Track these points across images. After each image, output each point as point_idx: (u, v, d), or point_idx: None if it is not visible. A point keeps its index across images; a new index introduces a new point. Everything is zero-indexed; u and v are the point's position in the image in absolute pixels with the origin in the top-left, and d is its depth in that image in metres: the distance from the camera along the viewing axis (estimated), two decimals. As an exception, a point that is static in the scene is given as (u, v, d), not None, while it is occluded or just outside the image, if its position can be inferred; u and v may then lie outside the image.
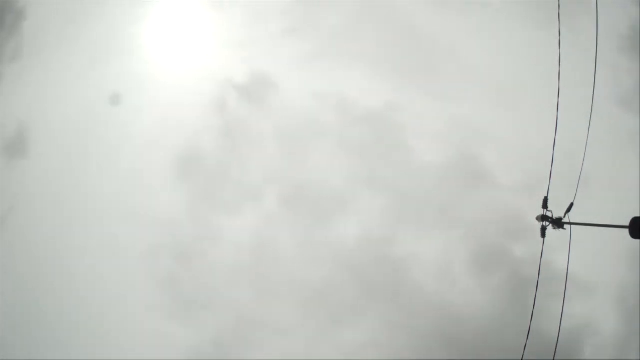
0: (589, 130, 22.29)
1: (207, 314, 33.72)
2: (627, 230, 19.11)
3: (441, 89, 31.55)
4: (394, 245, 30.25)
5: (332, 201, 34.07)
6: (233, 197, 35.88)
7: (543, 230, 21.63)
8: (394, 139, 33.62)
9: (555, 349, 21.55)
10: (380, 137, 34.03)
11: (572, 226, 21.13)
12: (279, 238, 34.49)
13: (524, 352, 21.94)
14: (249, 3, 36.21)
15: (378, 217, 32.21)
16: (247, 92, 36.30)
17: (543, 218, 21.64)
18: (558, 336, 21.51)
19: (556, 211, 19.12)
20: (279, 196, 35.04)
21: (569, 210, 21.33)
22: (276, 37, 35.84)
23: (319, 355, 30.40)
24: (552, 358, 20.48)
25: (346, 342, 30.05)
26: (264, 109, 36.45)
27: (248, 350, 32.14)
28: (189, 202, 35.72)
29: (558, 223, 21.47)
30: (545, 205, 21.66)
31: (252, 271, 34.25)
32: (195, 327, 33.04)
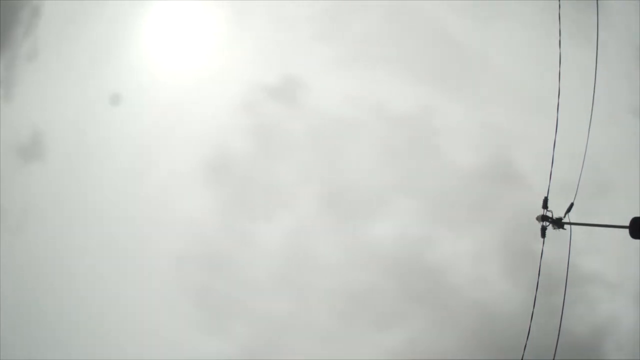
0: (589, 130, 22.37)
1: (240, 322, 33.36)
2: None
3: (472, 93, 31.64)
4: (430, 247, 30.29)
5: (367, 204, 33.88)
6: (265, 202, 35.58)
7: (543, 230, 21.70)
8: (427, 142, 33.56)
9: (555, 349, 21.60)
10: (414, 139, 33.94)
11: (573, 226, 21.20)
12: (313, 242, 34.11)
13: (524, 352, 22.00)
14: (278, 7, 36.18)
15: (414, 219, 32.08)
16: (279, 95, 36.01)
17: (543, 218, 21.70)
18: (558, 336, 21.57)
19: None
20: (312, 200, 34.71)
21: (569, 210, 21.39)
22: (307, 41, 35.67)
23: (358, 360, 30.31)
24: (553, 358, 20.50)
25: (385, 347, 29.94)
26: (296, 112, 36.14)
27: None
28: (219, 207, 35.24)
29: (558, 223, 21.54)
30: (545, 205, 21.72)
31: (287, 277, 33.85)
32: (227, 337, 32.64)
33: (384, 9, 35.07)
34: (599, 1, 20.35)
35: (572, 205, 21.34)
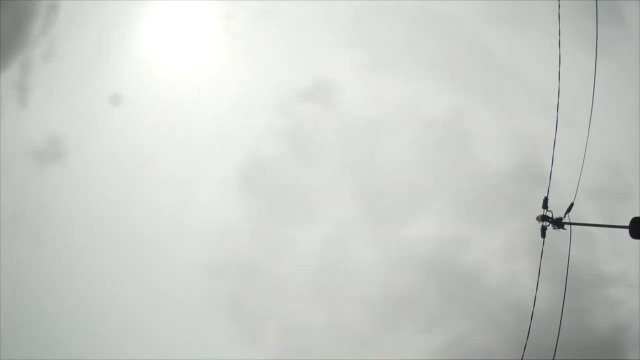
0: (589, 131, 22.40)
1: (273, 331, 33.29)
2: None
3: (501, 99, 31.88)
4: (465, 248, 30.38)
5: (401, 206, 33.81)
6: (299, 207, 35.49)
7: (543, 230, 21.69)
8: (459, 144, 33.76)
9: (555, 349, 21.61)
10: (445, 142, 34.06)
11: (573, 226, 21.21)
12: (349, 247, 33.96)
13: (524, 352, 22.01)
14: (308, 11, 36.22)
15: (448, 220, 32.07)
16: (311, 99, 36.04)
17: (543, 218, 21.70)
18: (558, 336, 21.57)
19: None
20: (346, 204, 34.64)
21: (569, 210, 21.39)
22: (339, 45, 35.75)
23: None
24: (553, 357, 20.51)
25: (425, 349, 29.88)
26: (329, 115, 36.18)
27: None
28: (252, 213, 35.18)
29: (558, 223, 21.54)
30: (545, 205, 21.72)
31: (322, 284, 33.61)
32: (260, 347, 32.55)
33: (414, 15, 35.39)
34: (598, 1, 20.41)
35: (572, 205, 21.35)
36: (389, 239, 33.23)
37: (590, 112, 22.18)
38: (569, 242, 21.57)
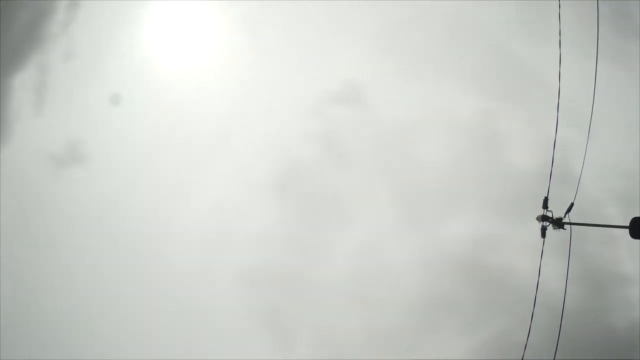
0: (589, 131, 22.42)
1: (310, 337, 33.11)
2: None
3: (529, 104, 32.28)
4: (500, 247, 30.56)
5: (437, 208, 33.83)
6: (334, 212, 35.42)
7: (543, 230, 21.70)
8: (490, 147, 33.97)
9: (556, 349, 21.62)
10: (477, 145, 34.38)
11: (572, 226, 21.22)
12: (387, 251, 33.91)
13: (524, 352, 22.02)
14: (340, 15, 36.34)
15: (483, 221, 32.05)
16: (345, 103, 36.11)
17: (543, 218, 21.71)
18: (558, 336, 21.58)
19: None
20: (382, 208, 34.69)
21: (569, 210, 21.40)
22: (373, 50, 35.95)
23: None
24: (553, 357, 20.51)
25: (466, 349, 29.92)
26: (361, 119, 36.23)
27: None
28: (287, 217, 35.06)
29: (558, 223, 21.55)
30: (545, 205, 21.73)
31: (359, 288, 33.48)
32: (296, 354, 32.30)
33: (444, 21, 35.64)
34: (599, 1, 20.44)
35: (572, 205, 21.37)
36: (424, 241, 33.17)
37: (590, 111, 22.20)
38: (569, 243, 21.58)
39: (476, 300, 31.09)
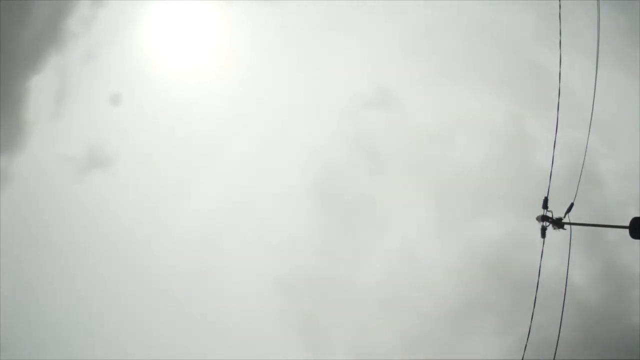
0: (589, 131, 22.44)
1: (345, 341, 33.13)
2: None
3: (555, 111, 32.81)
4: (529, 247, 30.82)
5: (472, 209, 34.16)
6: (368, 214, 35.54)
7: (543, 230, 21.68)
8: (520, 149, 34.27)
9: (556, 349, 21.61)
10: (506, 147, 34.63)
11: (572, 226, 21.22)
12: (422, 254, 33.90)
13: (524, 352, 22.00)
14: (368, 22, 36.62)
15: (515, 222, 32.22)
16: (377, 107, 36.38)
17: (543, 218, 21.69)
18: (558, 336, 21.57)
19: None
20: (419, 211, 34.87)
21: (569, 210, 21.39)
22: (403, 56, 36.36)
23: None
24: (553, 357, 20.52)
25: (503, 348, 29.96)
26: (395, 123, 36.50)
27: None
28: (321, 221, 35.13)
29: (558, 223, 21.52)
30: (545, 205, 21.71)
31: (394, 291, 33.62)
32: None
33: (474, 31, 36.30)
34: (599, 1, 20.46)
35: (572, 205, 21.35)
36: (458, 243, 33.45)
37: (590, 112, 22.22)
38: (569, 243, 21.57)
39: (510, 300, 31.18)
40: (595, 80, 22.19)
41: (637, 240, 19.46)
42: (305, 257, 34.36)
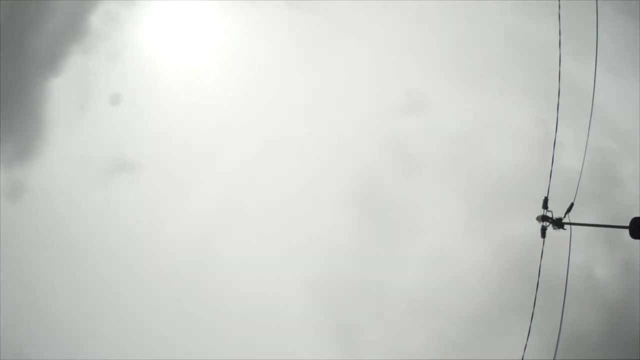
0: (589, 131, 22.47)
1: (379, 347, 33.02)
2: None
3: (579, 119, 33.43)
4: (551, 246, 31.03)
5: (505, 214, 33.94)
6: (403, 220, 35.59)
7: (543, 230, 21.72)
8: (548, 152, 34.66)
9: (556, 349, 21.66)
10: (535, 149, 34.21)
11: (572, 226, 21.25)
12: (456, 257, 33.98)
13: (524, 352, 22.04)
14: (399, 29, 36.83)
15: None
16: (409, 112, 36.55)
17: (543, 218, 21.73)
18: (558, 337, 21.60)
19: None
20: (454, 215, 34.98)
21: (569, 210, 21.42)
22: (435, 61, 36.76)
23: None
24: (553, 357, 20.55)
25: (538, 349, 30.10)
26: (427, 128, 36.59)
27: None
28: (356, 226, 35.13)
29: (558, 223, 21.57)
30: (545, 205, 21.75)
31: (429, 296, 33.56)
32: None
33: (501, 40, 36.66)
34: (598, 1, 20.48)
35: (572, 205, 21.40)
36: (493, 246, 33.32)
37: (590, 112, 22.26)
38: (569, 243, 21.60)
39: (541, 301, 31.38)
40: (595, 81, 22.23)
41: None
42: (341, 259, 34.68)
